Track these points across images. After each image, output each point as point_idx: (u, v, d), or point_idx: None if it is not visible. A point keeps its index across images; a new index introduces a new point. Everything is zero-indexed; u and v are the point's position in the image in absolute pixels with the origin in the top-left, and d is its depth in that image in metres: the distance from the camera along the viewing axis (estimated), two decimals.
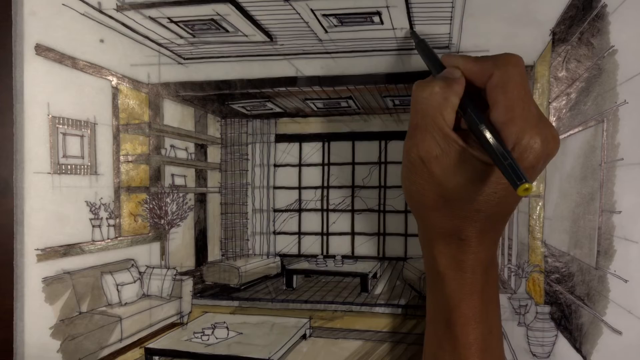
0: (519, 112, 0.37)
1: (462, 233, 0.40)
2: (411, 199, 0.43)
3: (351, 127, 0.57)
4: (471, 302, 0.42)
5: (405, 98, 0.54)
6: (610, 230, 0.48)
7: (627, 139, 0.47)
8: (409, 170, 0.41)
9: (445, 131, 0.39)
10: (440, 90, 0.39)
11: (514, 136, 0.36)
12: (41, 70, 0.56)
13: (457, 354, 0.42)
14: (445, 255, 0.42)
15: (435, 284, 0.44)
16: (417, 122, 0.40)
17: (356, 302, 0.56)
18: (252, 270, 0.59)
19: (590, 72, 0.48)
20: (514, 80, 0.37)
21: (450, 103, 0.39)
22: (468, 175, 0.38)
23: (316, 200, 0.58)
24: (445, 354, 0.43)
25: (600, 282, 0.48)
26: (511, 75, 0.38)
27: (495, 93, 0.38)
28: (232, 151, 0.60)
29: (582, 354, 0.49)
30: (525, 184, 0.32)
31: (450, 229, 0.41)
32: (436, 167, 0.39)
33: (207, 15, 0.53)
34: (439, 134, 0.39)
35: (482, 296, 0.42)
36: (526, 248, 0.51)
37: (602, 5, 0.47)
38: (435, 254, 0.43)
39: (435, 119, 0.39)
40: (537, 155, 0.37)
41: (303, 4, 0.51)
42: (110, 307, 0.58)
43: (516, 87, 0.37)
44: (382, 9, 0.50)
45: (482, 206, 0.39)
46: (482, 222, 0.40)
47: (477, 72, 0.40)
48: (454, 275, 0.42)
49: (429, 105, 0.39)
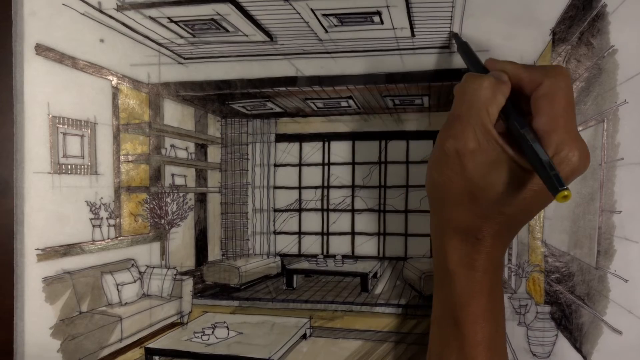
0: (562, 124, 0.37)
1: (480, 232, 0.41)
2: (435, 190, 0.43)
3: (351, 127, 0.57)
4: (481, 300, 0.42)
5: (406, 98, 0.54)
6: (610, 230, 0.48)
7: (627, 139, 0.47)
8: (440, 160, 0.41)
9: (488, 127, 0.39)
10: (489, 85, 0.39)
11: (554, 146, 0.37)
12: (41, 70, 0.56)
13: (465, 352, 0.42)
14: (459, 252, 0.42)
15: (444, 281, 0.44)
16: (461, 113, 0.40)
17: (356, 302, 0.56)
18: (252, 270, 0.59)
19: (590, 72, 0.48)
20: (563, 91, 0.38)
21: (497, 100, 0.39)
22: (501, 176, 0.38)
23: (316, 200, 0.58)
24: (452, 352, 0.43)
25: (600, 282, 0.48)
26: (561, 86, 0.38)
27: (542, 102, 0.38)
28: (232, 151, 0.60)
29: (582, 353, 0.49)
30: (565, 191, 0.32)
31: (468, 226, 0.41)
32: (470, 161, 0.39)
33: (207, 15, 0.53)
34: (480, 129, 0.39)
35: (491, 295, 0.42)
36: (526, 248, 0.51)
37: (602, 5, 0.47)
38: (448, 249, 0.43)
39: (480, 112, 0.39)
40: (573, 169, 0.37)
41: (303, 4, 0.51)
42: (111, 307, 0.58)
43: (564, 99, 0.38)
44: (382, 8, 0.50)
45: (507, 209, 0.39)
46: (502, 224, 0.40)
47: (525, 79, 0.40)
48: (465, 273, 0.42)
49: (477, 98, 0.39)
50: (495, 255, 0.42)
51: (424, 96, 0.54)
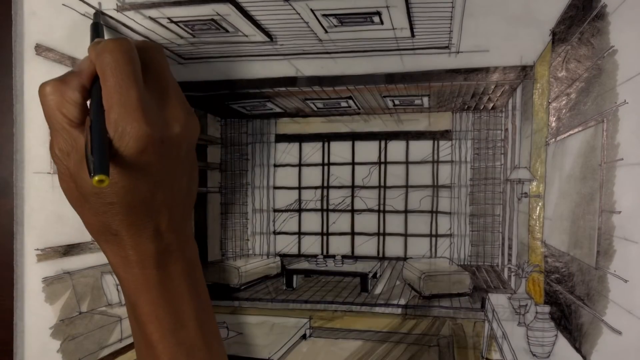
0: (117, 99, 0.37)
1: (111, 228, 0.40)
2: (66, 196, 0.43)
3: (351, 127, 0.57)
4: (149, 298, 0.42)
5: (406, 98, 0.54)
6: (610, 230, 0.48)
7: (627, 139, 0.47)
8: (57, 167, 0.42)
9: (67, 128, 0.39)
10: (53, 90, 0.40)
11: (112, 123, 0.37)
12: (41, 70, 0.56)
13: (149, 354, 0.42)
14: (110, 252, 0.42)
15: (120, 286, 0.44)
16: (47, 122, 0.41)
17: (356, 302, 0.56)
18: (252, 270, 0.59)
19: (590, 72, 0.48)
20: (110, 67, 0.38)
21: (68, 99, 0.39)
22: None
23: (316, 200, 0.58)
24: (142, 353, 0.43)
25: (600, 282, 0.48)
26: (106, 62, 0.38)
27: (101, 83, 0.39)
28: (232, 151, 0.60)
29: (582, 353, 0.49)
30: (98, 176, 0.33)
31: (99, 225, 0.41)
32: (69, 162, 0.40)
33: (207, 15, 0.53)
34: (63, 131, 0.40)
35: (163, 291, 0.42)
36: (526, 248, 0.51)
37: (602, 5, 0.47)
38: (105, 254, 0.43)
39: (55, 117, 0.40)
40: (140, 139, 0.37)
41: (303, 4, 0.51)
42: (111, 307, 0.58)
43: (112, 74, 0.38)
44: (382, 9, 0.50)
45: (112, 198, 0.39)
46: (123, 214, 0.40)
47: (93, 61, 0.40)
48: (124, 272, 0.42)
49: (46, 105, 0.40)
50: (146, 247, 0.41)
51: (424, 96, 0.54)
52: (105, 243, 0.43)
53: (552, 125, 0.50)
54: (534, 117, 0.51)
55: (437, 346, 0.53)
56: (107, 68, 0.38)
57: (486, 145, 0.54)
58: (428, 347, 0.53)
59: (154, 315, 0.42)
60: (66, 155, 0.40)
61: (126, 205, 0.39)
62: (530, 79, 0.50)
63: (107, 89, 0.38)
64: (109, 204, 0.39)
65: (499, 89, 0.52)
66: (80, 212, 0.43)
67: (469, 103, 0.54)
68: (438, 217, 0.55)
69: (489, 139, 0.54)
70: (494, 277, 0.54)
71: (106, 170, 0.34)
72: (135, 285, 0.42)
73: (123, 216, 0.40)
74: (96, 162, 0.34)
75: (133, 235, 0.41)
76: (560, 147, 0.50)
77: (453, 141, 0.55)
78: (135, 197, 0.39)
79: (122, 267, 0.42)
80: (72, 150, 0.39)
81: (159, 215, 0.42)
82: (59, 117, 0.39)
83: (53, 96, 0.39)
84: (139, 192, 0.40)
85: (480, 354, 0.52)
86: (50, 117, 0.40)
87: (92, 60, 0.40)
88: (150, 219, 0.41)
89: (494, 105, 0.54)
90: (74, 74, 0.40)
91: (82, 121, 0.40)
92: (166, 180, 0.41)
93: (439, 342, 0.53)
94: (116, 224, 0.40)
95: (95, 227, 0.42)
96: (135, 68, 0.39)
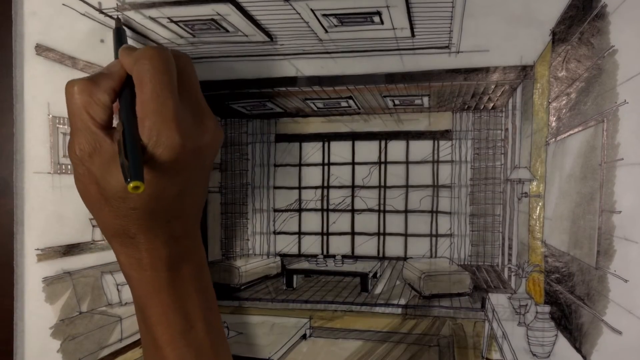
0: (154, 108, 0.37)
1: (129, 231, 0.40)
2: (84, 200, 0.43)
3: (351, 127, 0.57)
4: (159, 300, 0.42)
5: (406, 98, 0.54)
6: (610, 230, 0.48)
7: (627, 139, 0.47)
8: (75, 170, 0.41)
9: (92, 129, 0.39)
10: (80, 90, 0.39)
11: (146, 132, 0.37)
12: (41, 70, 0.56)
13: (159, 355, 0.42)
14: (124, 255, 0.42)
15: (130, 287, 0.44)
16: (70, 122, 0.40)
17: (356, 302, 0.56)
18: (252, 270, 0.59)
19: (590, 72, 0.48)
20: (149, 74, 0.38)
21: (96, 100, 0.39)
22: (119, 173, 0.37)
23: (316, 200, 0.58)
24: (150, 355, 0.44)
25: (600, 282, 0.48)
26: (146, 69, 0.38)
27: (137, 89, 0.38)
28: (232, 151, 0.60)
29: (582, 353, 0.49)
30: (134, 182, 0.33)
31: (117, 227, 0.41)
32: (92, 165, 0.39)
33: (207, 15, 0.53)
34: (87, 132, 0.39)
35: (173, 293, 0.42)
36: (526, 248, 0.51)
37: (602, 5, 0.47)
38: (117, 255, 0.43)
39: (81, 117, 0.39)
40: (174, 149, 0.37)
41: (303, 4, 0.51)
42: (111, 307, 0.58)
43: (150, 82, 0.37)
44: (382, 9, 0.50)
45: (136, 203, 0.39)
46: (144, 219, 0.40)
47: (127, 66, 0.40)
48: (137, 274, 0.42)
49: (73, 105, 0.39)
50: (160, 250, 0.41)
51: (424, 96, 0.54)
52: (119, 245, 0.42)
53: (552, 125, 0.50)
54: (534, 117, 0.51)
55: (437, 346, 0.53)
56: (145, 75, 0.38)
57: (486, 145, 0.54)
58: (428, 347, 0.53)
59: (163, 317, 0.42)
60: (87, 156, 0.39)
61: (149, 211, 0.39)
62: (530, 79, 0.50)
63: (143, 96, 0.38)
64: (131, 208, 0.39)
65: (499, 88, 0.52)
66: (97, 214, 0.42)
67: (469, 103, 0.54)
68: (438, 217, 0.55)
69: (489, 139, 0.54)
70: (494, 277, 0.54)
71: (141, 177, 0.34)
72: (146, 287, 0.42)
73: (143, 221, 0.40)
74: (132, 168, 0.34)
75: (149, 239, 0.41)
76: (561, 147, 0.50)
77: (453, 141, 0.55)
78: (159, 204, 0.40)
79: (134, 268, 0.42)
80: (95, 152, 0.39)
81: (177, 220, 0.42)
82: (85, 117, 0.39)
83: (81, 95, 0.39)
84: (164, 200, 0.40)
85: (480, 354, 0.52)
86: (75, 116, 0.40)
87: (124, 65, 0.40)
88: (168, 224, 0.41)
89: (494, 105, 0.54)
90: (104, 76, 0.40)
91: (107, 123, 0.40)
92: (189, 188, 0.42)
93: (439, 342, 0.53)
94: (135, 228, 0.40)
95: (112, 229, 0.42)
96: (172, 78, 0.39)
